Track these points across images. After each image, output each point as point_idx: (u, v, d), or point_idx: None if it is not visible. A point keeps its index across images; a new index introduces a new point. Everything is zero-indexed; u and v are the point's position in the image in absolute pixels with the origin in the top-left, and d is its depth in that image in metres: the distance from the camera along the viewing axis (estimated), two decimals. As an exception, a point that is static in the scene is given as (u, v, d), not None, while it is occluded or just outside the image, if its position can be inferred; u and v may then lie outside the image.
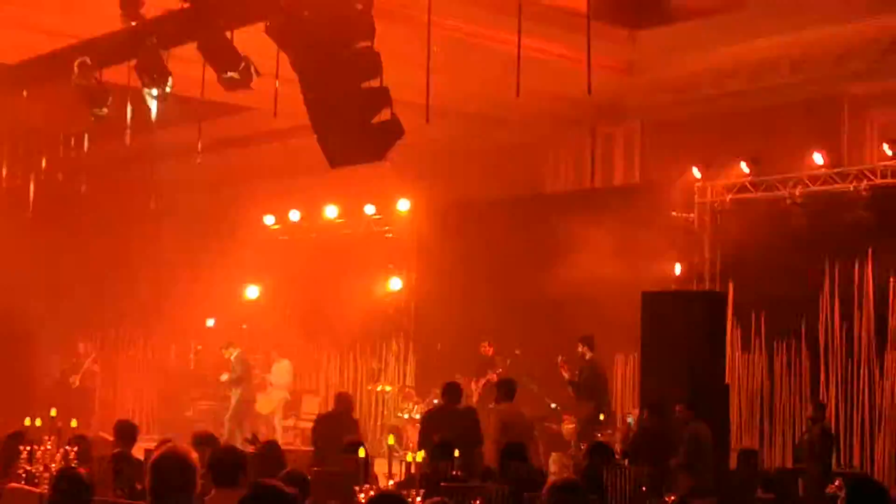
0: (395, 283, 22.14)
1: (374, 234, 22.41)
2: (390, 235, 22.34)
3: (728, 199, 17.72)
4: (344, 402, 14.19)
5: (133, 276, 22.31)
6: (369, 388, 21.95)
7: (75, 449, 8.10)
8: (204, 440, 9.20)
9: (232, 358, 20.32)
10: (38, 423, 8.07)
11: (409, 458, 6.11)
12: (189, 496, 5.49)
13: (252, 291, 23.85)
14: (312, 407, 22.25)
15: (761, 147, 17.43)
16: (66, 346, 21.75)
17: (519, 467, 8.75)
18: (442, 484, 6.88)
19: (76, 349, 21.51)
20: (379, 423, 21.18)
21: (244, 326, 23.08)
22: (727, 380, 15.77)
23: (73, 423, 8.52)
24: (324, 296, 22.60)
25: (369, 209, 22.11)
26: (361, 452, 6.18)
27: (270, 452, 9.44)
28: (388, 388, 21.40)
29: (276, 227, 23.41)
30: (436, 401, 13.68)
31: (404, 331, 22.10)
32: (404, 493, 6.08)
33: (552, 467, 14.87)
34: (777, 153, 17.18)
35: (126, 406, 22.85)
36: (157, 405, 23.43)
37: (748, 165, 17.35)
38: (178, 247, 22.51)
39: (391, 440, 6.15)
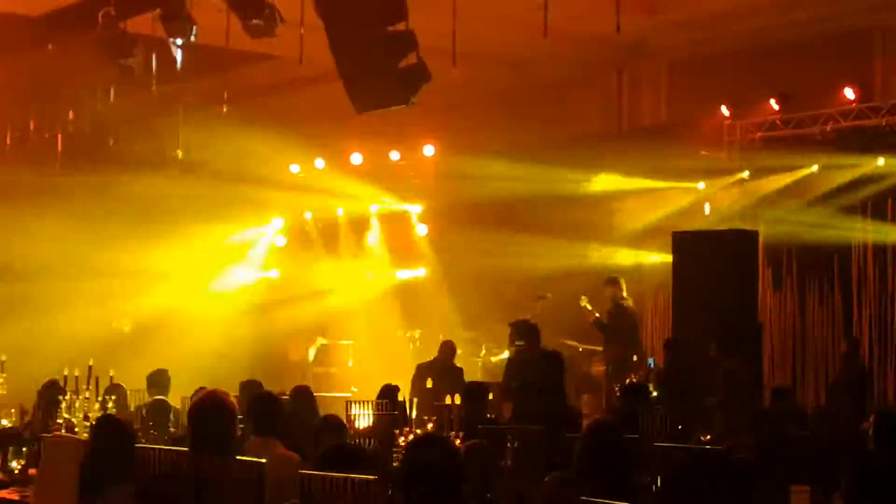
0: (422, 229, 22.15)
1: (400, 180, 22.37)
2: (417, 181, 22.30)
3: (758, 137, 17.56)
4: (446, 351, 14.13)
5: (162, 227, 22.34)
6: (399, 334, 22.01)
7: (113, 398, 8.16)
8: (248, 387, 9.33)
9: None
10: (76, 372, 8.12)
11: (447, 400, 6.12)
12: (229, 440, 5.52)
13: (280, 240, 23.94)
14: (344, 354, 22.37)
15: (791, 83, 17.24)
16: (98, 298, 21.85)
17: (556, 408, 8.77)
18: (479, 426, 6.90)
19: (109, 299, 21.61)
20: (410, 370, 21.21)
21: (275, 274, 23.18)
22: (759, 318, 15.72)
23: (111, 373, 8.57)
24: (352, 241, 22.68)
25: (394, 155, 22.03)
26: (401, 396, 6.19)
27: (303, 398, 9.51)
28: (416, 334, 21.43)
29: (302, 175, 23.38)
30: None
31: (432, 276, 22.13)
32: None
33: (584, 409, 14.90)
34: (807, 89, 16.99)
35: (157, 356, 22.95)
36: (189, 355, 23.53)
37: (778, 102, 17.18)
38: (205, 196, 22.52)
39: (429, 383, 6.16)
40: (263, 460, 5.22)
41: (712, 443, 9.84)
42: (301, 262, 23.42)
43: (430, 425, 6.22)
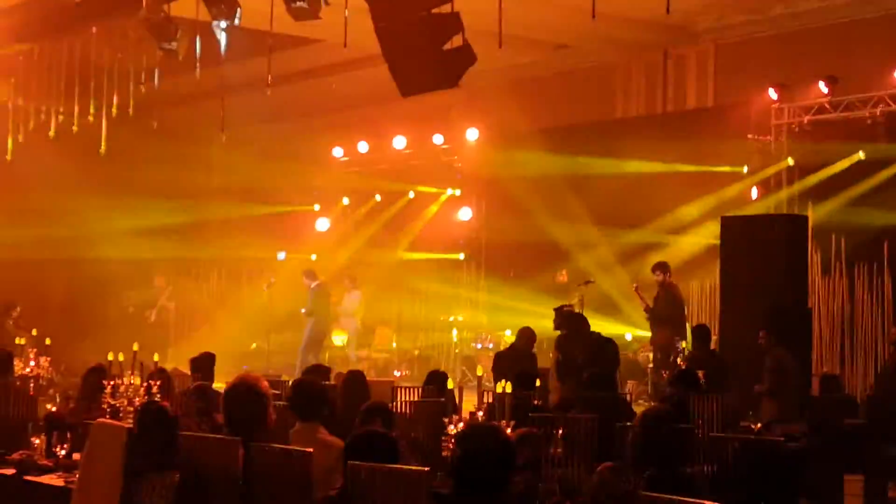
0: (465, 213, 22.04)
1: (443, 163, 22.29)
2: (460, 165, 22.21)
3: (806, 121, 17.31)
4: (525, 337, 13.83)
5: (204, 210, 22.41)
6: (441, 318, 21.94)
7: (158, 383, 8.09)
8: (313, 371, 9.30)
9: (311, 287, 20.30)
10: (120, 357, 8.06)
11: (498, 388, 6.01)
12: (262, 423, 5.46)
13: (322, 223, 23.91)
14: (385, 338, 22.32)
15: (840, 66, 16.95)
16: (141, 281, 21.97)
17: (606, 396, 8.65)
18: (530, 414, 6.79)
19: (152, 283, 21.70)
20: (453, 354, 21.21)
21: (313, 258, 23.15)
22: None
23: (156, 358, 8.51)
24: (394, 227, 22.62)
25: (438, 139, 21.94)
26: (450, 384, 6.08)
27: (355, 383, 9.42)
28: (460, 319, 21.35)
29: (345, 158, 23.35)
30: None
31: (475, 260, 22.04)
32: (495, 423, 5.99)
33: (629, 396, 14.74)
34: (856, 71, 16.71)
35: (200, 340, 23.05)
36: (231, 338, 23.58)
37: (826, 85, 16.91)
38: (248, 180, 22.55)
39: (479, 370, 6.05)
40: (310, 450, 5.14)
41: (762, 431, 9.71)
42: (339, 246, 23.39)
43: (480, 413, 6.11)
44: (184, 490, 5.60)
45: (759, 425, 9.76)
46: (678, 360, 12.61)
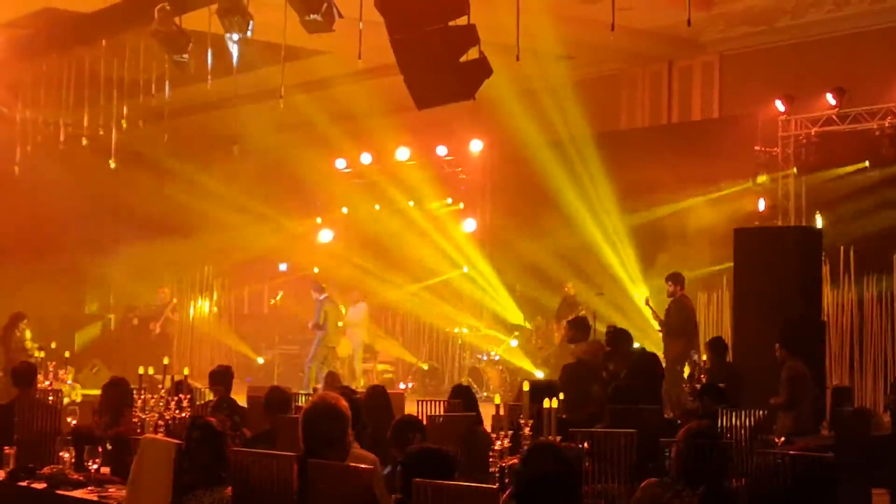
0: (470, 225, 22.01)
1: (446, 175, 22.26)
2: (463, 177, 22.19)
3: (813, 133, 17.36)
4: (592, 352, 13.70)
5: (210, 222, 22.34)
6: (446, 330, 21.90)
7: (188, 397, 8.05)
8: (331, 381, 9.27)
9: (319, 299, 20.25)
10: (150, 371, 8.02)
11: (545, 404, 5.98)
12: (341, 446, 5.40)
13: (325, 235, 23.84)
14: (390, 351, 22.29)
15: (847, 77, 17.03)
16: (146, 293, 21.91)
17: (632, 409, 8.62)
18: (570, 429, 6.77)
19: (157, 295, 21.64)
20: (457, 366, 21.20)
21: (315, 270, 23.11)
22: (817, 316, 15.47)
23: (186, 371, 8.46)
24: (397, 238, 22.59)
25: (441, 150, 21.92)
26: (497, 399, 6.05)
27: (378, 397, 9.40)
28: (465, 331, 21.33)
29: (348, 170, 23.31)
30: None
31: (479, 272, 22.00)
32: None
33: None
34: (864, 83, 16.81)
35: (203, 352, 23.02)
36: (234, 351, 23.53)
37: (833, 97, 16.97)
38: (252, 191, 22.52)
39: (525, 386, 5.98)
40: (370, 467, 5.12)
41: (784, 444, 9.70)
42: (341, 259, 23.34)
43: (526, 430, 6.09)
44: (237, 506, 5.57)
45: (782, 439, 9.76)
46: (696, 372, 12.53)
